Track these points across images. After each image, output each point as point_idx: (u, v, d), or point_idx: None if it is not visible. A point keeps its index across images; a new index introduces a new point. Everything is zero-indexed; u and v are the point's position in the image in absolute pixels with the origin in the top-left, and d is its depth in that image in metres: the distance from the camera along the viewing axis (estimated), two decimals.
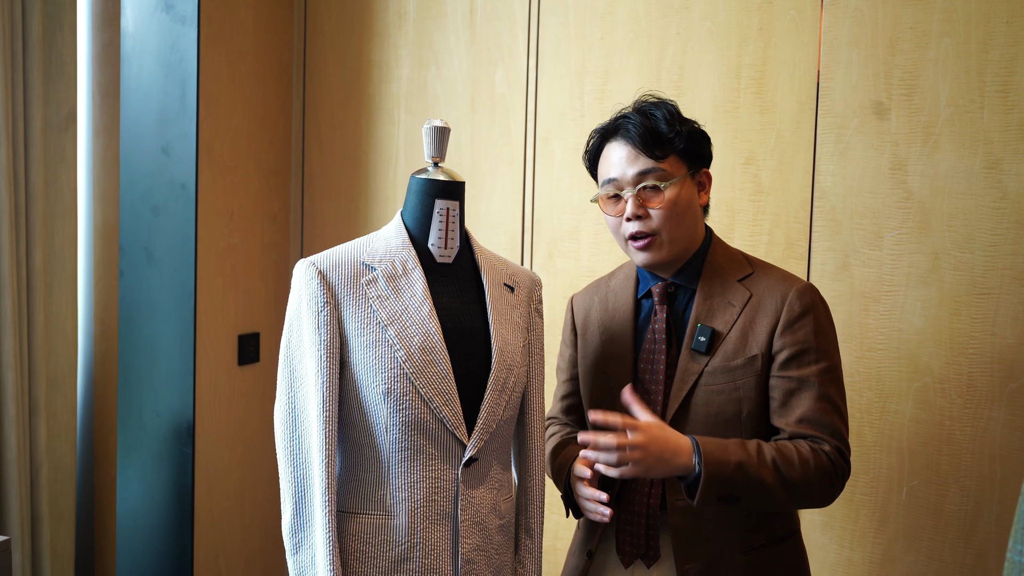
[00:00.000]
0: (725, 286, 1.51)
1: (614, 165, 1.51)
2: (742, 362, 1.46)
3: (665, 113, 1.50)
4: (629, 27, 2.24)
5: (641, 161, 1.48)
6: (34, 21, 2.33)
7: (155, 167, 2.51)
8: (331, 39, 2.72)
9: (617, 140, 1.52)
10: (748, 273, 1.53)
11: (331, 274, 1.42)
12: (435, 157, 1.50)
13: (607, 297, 1.64)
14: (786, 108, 2.06)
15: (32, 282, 2.39)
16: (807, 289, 1.49)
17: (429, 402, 1.39)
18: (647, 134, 1.48)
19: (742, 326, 1.48)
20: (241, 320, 2.65)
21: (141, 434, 2.56)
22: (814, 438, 1.43)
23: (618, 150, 1.52)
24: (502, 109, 2.45)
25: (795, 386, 1.44)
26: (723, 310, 1.49)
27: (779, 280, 1.51)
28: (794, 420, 1.43)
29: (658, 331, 1.53)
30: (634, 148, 1.49)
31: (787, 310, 1.46)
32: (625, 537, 1.53)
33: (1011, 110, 1.83)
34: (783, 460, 1.38)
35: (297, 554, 1.40)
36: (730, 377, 1.46)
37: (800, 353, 1.45)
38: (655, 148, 1.48)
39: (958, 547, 1.91)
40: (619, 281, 1.65)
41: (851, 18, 1.98)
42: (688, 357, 1.49)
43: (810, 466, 1.39)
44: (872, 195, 1.97)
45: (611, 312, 1.61)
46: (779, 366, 1.46)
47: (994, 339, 1.86)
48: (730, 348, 1.47)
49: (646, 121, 1.49)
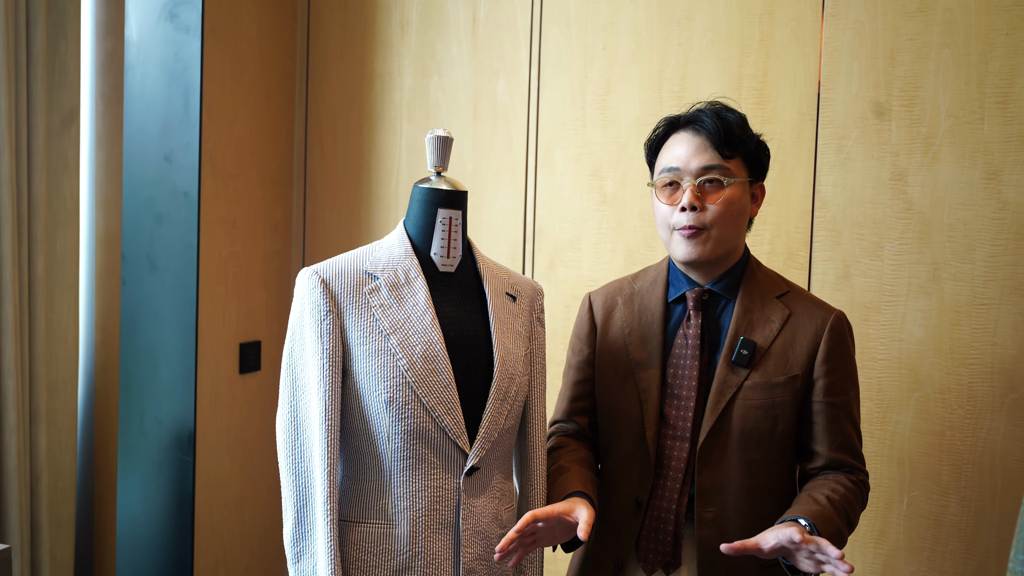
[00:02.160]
0: (764, 301, 1.52)
1: (679, 154, 1.51)
2: (783, 380, 1.48)
3: (737, 118, 1.52)
4: (631, 37, 2.26)
5: (709, 155, 1.48)
6: (38, 29, 2.34)
7: (158, 175, 2.51)
8: (334, 48, 2.73)
9: (687, 131, 1.52)
10: (785, 291, 1.55)
11: (334, 283, 1.42)
12: (438, 166, 1.51)
13: (632, 299, 1.62)
14: (787, 118, 2.07)
15: (34, 289, 2.39)
16: (843, 317, 1.53)
17: (431, 411, 1.39)
18: (720, 130, 1.48)
19: (782, 344, 1.49)
20: (242, 328, 2.65)
21: (142, 442, 2.56)
22: (851, 467, 1.50)
23: (687, 140, 1.51)
24: (504, 119, 2.45)
25: (837, 413, 1.50)
26: (763, 325, 1.50)
27: (815, 304, 1.54)
28: (836, 447, 1.49)
29: (691, 337, 1.52)
30: (705, 140, 1.49)
31: (829, 337, 1.49)
32: (649, 545, 1.52)
33: (1011, 121, 1.84)
34: (851, 508, 1.45)
35: (299, 563, 1.40)
36: (769, 394, 1.48)
37: (840, 380, 1.50)
38: (725, 146, 1.48)
39: (959, 557, 1.91)
40: (646, 284, 1.62)
41: (851, 29, 1.99)
42: (727, 369, 1.49)
43: (859, 502, 1.49)
44: (872, 205, 1.98)
45: (637, 314, 1.59)
46: (821, 392, 1.49)
47: (994, 349, 1.86)
48: (771, 365, 1.48)
49: (720, 119, 1.50)
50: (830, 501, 1.41)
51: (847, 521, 1.43)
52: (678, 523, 1.50)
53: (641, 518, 1.52)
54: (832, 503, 1.41)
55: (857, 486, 1.48)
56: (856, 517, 1.46)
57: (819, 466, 1.50)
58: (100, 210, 2.72)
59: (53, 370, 2.49)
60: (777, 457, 1.50)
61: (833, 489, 1.44)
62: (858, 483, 1.49)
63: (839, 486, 1.45)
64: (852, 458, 1.50)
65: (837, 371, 1.49)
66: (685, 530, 1.50)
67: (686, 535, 1.51)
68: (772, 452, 1.49)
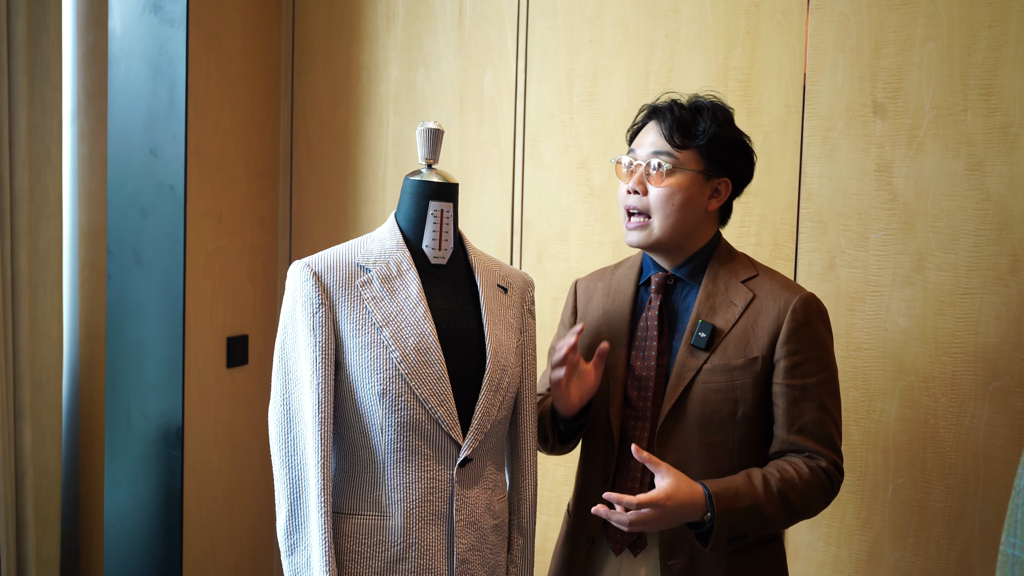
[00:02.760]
0: (728, 285, 1.53)
1: (640, 139, 1.57)
2: (742, 363, 1.48)
3: (708, 113, 1.54)
4: (617, 30, 2.26)
5: (659, 141, 1.53)
6: (19, 21, 2.32)
7: (143, 169, 2.50)
8: (320, 41, 2.72)
9: (653, 120, 1.57)
10: (752, 275, 1.55)
11: (326, 276, 1.42)
12: (429, 159, 1.51)
13: (611, 283, 1.66)
14: (773, 111, 2.09)
15: (17, 284, 2.37)
16: (811, 298, 1.51)
17: (424, 403, 1.40)
18: (676, 123, 1.52)
19: (743, 326, 1.50)
20: (230, 322, 2.64)
21: (129, 437, 2.55)
22: (811, 452, 1.46)
23: (653, 129, 1.56)
24: (491, 111, 2.45)
25: (798, 395, 1.47)
26: (725, 308, 1.51)
27: (783, 286, 1.53)
28: (795, 430, 1.47)
29: (650, 319, 1.55)
30: (659, 127, 1.54)
31: (791, 317, 1.48)
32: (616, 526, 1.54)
33: (993, 113, 1.86)
34: (788, 488, 1.42)
35: (292, 555, 1.40)
36: (729, 377, 1.48)
37: (802, 363, 1.47)
38: (676, 134, 1.52)
39: (943, 544, 1.94)
40: (624, 269, 1.67)
41: (836, 22, 2.01)
42: (687, 353, 1.50)
43: (811, 487, 1.44)
44: (858, 197, 2.00)
45: (612, 298, 1.63)
46: (782, 374, 1.48)
47: (977, 338, 1.89)
48: (731, 347, 1.49)
49: (684, 113, 1.53)
50: (764, 480, 1.41)
51: (780, 501, 1.41)
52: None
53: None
54: (766, 482, 1.41)
55: (813, 472, 1.44)
56: (802, 500, 1.43)
57: (777, 450, 1.49)
58: (84, 204, 2.70)
59: (37, 366, 2.47)
60: (742, 440, 1.49)
61: (780, 469, 1.43)
62: (815, 468, 1.44)
63: (788, 467, 1.44)
64: (814, 442, 1.46)
65: (800, 353, 1.47)
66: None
67: None
68: (736, 435, 1.48)
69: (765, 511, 1.40)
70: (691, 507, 1.38)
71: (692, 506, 1.38)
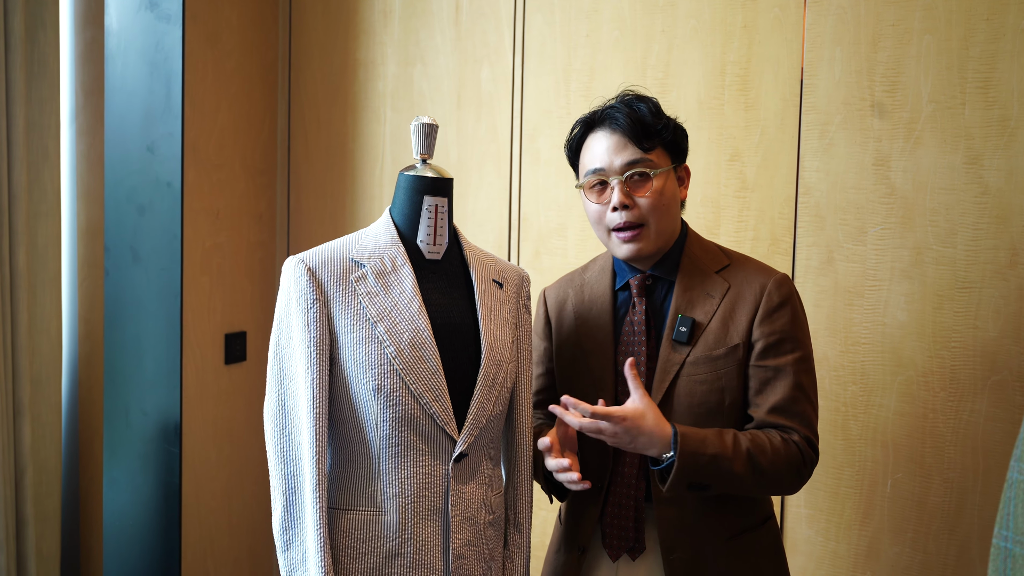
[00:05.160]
0: (704, 277, 1.53)
1: (599, 155, 1.52)
2: (724, 352, 1.48)
3: (650, 106, 1.52)
4: (614, 25, 2.26)
5: (629, 151, 1.49)
6: (16, 19, 2.32)
7: (140, 166, 2.49)
8: (316, 37, 2.72)
9: (603, 129, 1.52)
10: (725, 265, 1.55)
11: (320, 271, 1.42)
12: (423, 154, 1.50)
13: (582, 289, 1.64)
14: (770, 105, 2.08)
15: (15, 282, 2.37)
16: (784, 280, 1.52)
17: (419, 398, 1.39)
18: (635, 124, 1.49)
19: (722, 316, 1.50)
20: (227, 319, 2.64)
21: (128, 434, 2.55)
22: (784, 427, 1.46)
23: (604, 139, 1.52)
24: (488, 107, 2.45)
25: (771, 375, 1.47)
26: (703, 301, 1.51)
27: (756, 271, 1.53)
28: (767, 408, 1.46)
29: (637, 323, 1.54)
30: (622, 137, 1.50)
31: (766, 300, 1.49)
32: (612, 531, 1.53)
33: (991, 106, 1.86)
34: (757, 450, 1.41)
35: (288, 551, 1.40)
36: (712, 367, 1.48)
37: (778, 343, 1.48)
38: (643, 139, 1.49)
39: (942, 538, 1.93)
40: (594, 273, 1.65)
41: (834, 15, 2.00)
42: (669, 348, 1.50)
43: (781, 456, 1.42)
44: (856, 191, 2.00)
45: (588, 304, 1.61)
46: (757, 355, 1.48)
47: (976, 332, 1.89)
48: (711, 338, 1.49)
49: (632, 113, 1.50)
50: (734, 437, 1.41)
51: (747, 461, 1.40)
52: (638, 507, 1.51)
53: (602, 504, 1.54)
54: (736, 439, 1.41)
55: (785, 443, 1.43)
56: (770, 465, 1.41)
57: (752, 428, 1.48)
58: (82, 201, 2.70)
59: (36, 363, 2.47)
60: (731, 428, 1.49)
61: (753, 434, 1.43)
62: (787, 440, 1.43)
63: (760, 434, 1.43)
64: (787, 419, 1.45)
65: (776, 334, 1.47)
66: (646, 514, 1.52)
67: (648, 518, 1.52)
68: (723, 424, 1.49)
69: (732, 466, 1.39)
70: (654, 437, 1.38)
71: (655, 437, 1.38)
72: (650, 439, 1.39)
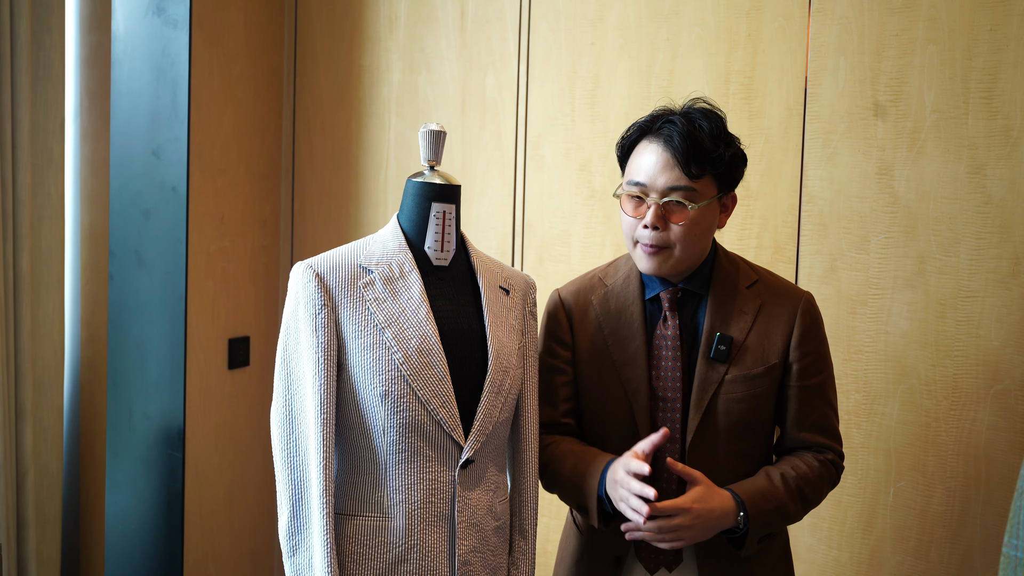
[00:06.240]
0: (735, 293, 1.53)
1: (645, 169, 1.46)
2: (762, 371, 1.50)
3: (713, 128, 1.45)
4: (619, 33, 2.27)
5: (675, 174, 1.43)
6: (22, 23, 2.32)
7: (146, 170, 2.50)
8: (322, 43, 2.73)
9: (656, 142, 1.46)
10: (754, 280, 1.56)
11: (328, 277, 1.42)
12: (431, 161, 1.51)
13: (607, 298, 1.59)
14: (774, 113, 2.09)
15: (19, 285, 2.37)
16: (812, 300, 1.56)
17: (426, 404, 1.40)
18: (689, 147, 1.42)
19: (757, 334, 1.51)
20: (231, 324, 2.64)
21: (131, 438, 2.55)
22: (820, 446, 1.53)
23: (653, 154, 1.46)
24: (493, 114, 2.46)
25: (806, 395, 1.53)
26: (736, 317, 1.51)
27: (784, 290, 1.56)
28: (807, 427, 1.53)
29: (671, 338, 1.52)
30: (672, 157, 1.43)
31: (800, 321, 1.52)
32: (651, 545, 1.51)
33: (995, 116, 1.87)
34: (805, 484, 1.48)
35: (294, 556, 1.40)
36: (750, 385, 1.49)
37: (812, 363, 1.53)
38: (692, 164, 1.43)
39: (944, 547, 1.94)
40: (619, 282, 1.59)
41: (838, 25, 2.01)
42: (706, 365, 1.50)
43: (824, 480, 1.51)
44: (859, 199, 2.00)
45: (615, 314, 1.57)
46: (795, 376, 1.52)
47: (979, 341, 1.89)
48: (748, 357, 1.50)
49: (692, 132, 1.43)
50: (783, 478, 1.47)
51: (799, 498, 1.47)
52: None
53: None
54: (785, 480, 1.47)
55: (823, 464, 1.51)
56: (815, 494, 1.50)
57: (789, 447, 1.56)
58: (86, 205, 2.71)
59: (39, 367, 2.47)
60: (761, 443, 1.55)
61: (794, 466, 1.49)
62: (824, 462, 1.52)
63: (801, 463, 1.50)
64: (823, 437, 1.53)
65: (811, 354, 1.52)
66: None
67: None
68: (756, 440, 1.53)
69: (788, 509, 1.46)
70: (723, 512, 1.41)
71: (724, 511, 1.41)
72: (723, 513, 1.41)
